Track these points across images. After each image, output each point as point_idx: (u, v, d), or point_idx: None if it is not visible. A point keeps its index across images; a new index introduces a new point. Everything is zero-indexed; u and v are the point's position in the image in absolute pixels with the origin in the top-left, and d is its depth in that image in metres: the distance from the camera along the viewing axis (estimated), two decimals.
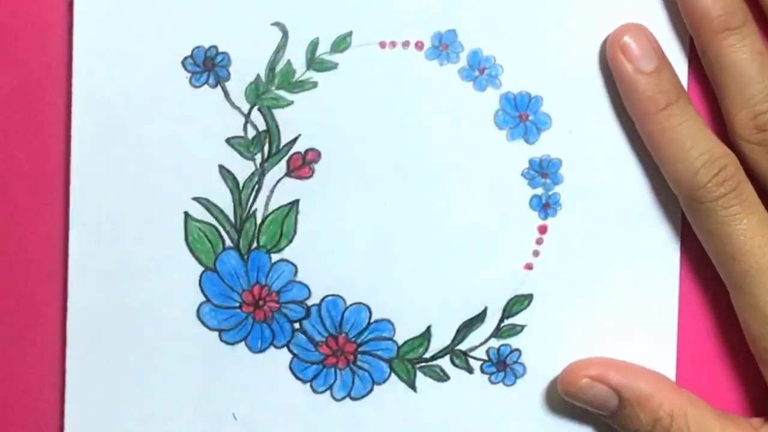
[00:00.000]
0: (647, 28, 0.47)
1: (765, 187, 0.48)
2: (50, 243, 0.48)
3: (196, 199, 0.48)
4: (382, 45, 0.48)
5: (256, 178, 0.48)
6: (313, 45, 0.48)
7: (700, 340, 0.49)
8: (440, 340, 0.49)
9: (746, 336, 0.48)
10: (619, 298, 0.49)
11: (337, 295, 0.49)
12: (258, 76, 0.48)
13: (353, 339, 0.49)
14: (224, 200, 0.48)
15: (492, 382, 0.49)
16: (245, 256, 0.49)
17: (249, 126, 0.48)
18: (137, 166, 0.48)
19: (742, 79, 0.47)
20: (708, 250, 0.47)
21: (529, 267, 0.49)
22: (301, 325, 0.49)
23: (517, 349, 0.49)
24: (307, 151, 0.48)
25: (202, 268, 0.49)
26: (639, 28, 0.47)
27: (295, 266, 0.49)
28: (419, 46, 0.48)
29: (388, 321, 0.49)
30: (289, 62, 0.48)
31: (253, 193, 0.48)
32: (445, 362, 0.49)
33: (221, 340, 0.49)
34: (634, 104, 0.47)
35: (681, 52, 0.48)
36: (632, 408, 0.47)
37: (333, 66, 0.48)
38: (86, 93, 0.47)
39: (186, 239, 0.48)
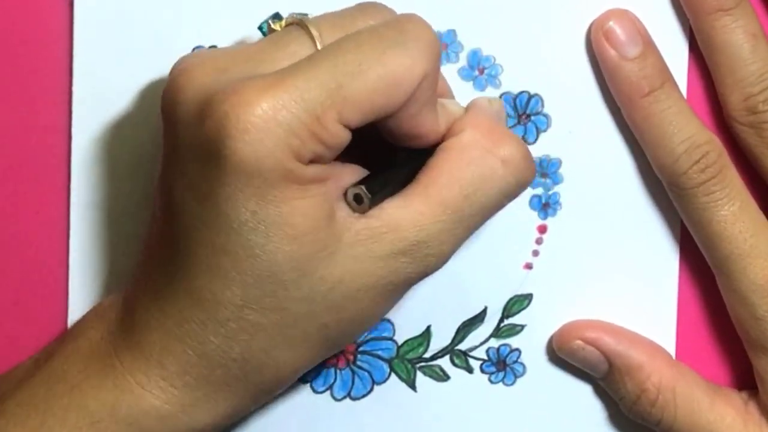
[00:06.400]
0: (632, 13, 0.47)
1: (756, 169, 0.48)
2: (51, 242, 0.48)
3: None
4: None
5: None
6: None
7: (698, 337, 0.50)
8: (440, 339, 0.49)
9: (731, 317, 0.48)
10: (619, 297, 0.49)
11: None
12: None
13: None
14: None
15: (492, 382, 0.49)
16: None
17: None
18: (137, 166, 0.48)
19: (734, 60, 0.47)
20: (692, 234, 0.48)
21: (528, 267, 0.49)
22: None
23: (516, 349, 0.49)
24: None
25: None
26: (624, 13, 0.47)
27: None
28: None
29: (388, 321, 0.49)
30: None
31: None
32: (445, 362, 0.49)
33: None
34: (618, 90, 0.47)
35: (682, 35, 0.48)
36: (621, 376, 0.47)
37: None
38: (86, 93, 0.47)
39: None
